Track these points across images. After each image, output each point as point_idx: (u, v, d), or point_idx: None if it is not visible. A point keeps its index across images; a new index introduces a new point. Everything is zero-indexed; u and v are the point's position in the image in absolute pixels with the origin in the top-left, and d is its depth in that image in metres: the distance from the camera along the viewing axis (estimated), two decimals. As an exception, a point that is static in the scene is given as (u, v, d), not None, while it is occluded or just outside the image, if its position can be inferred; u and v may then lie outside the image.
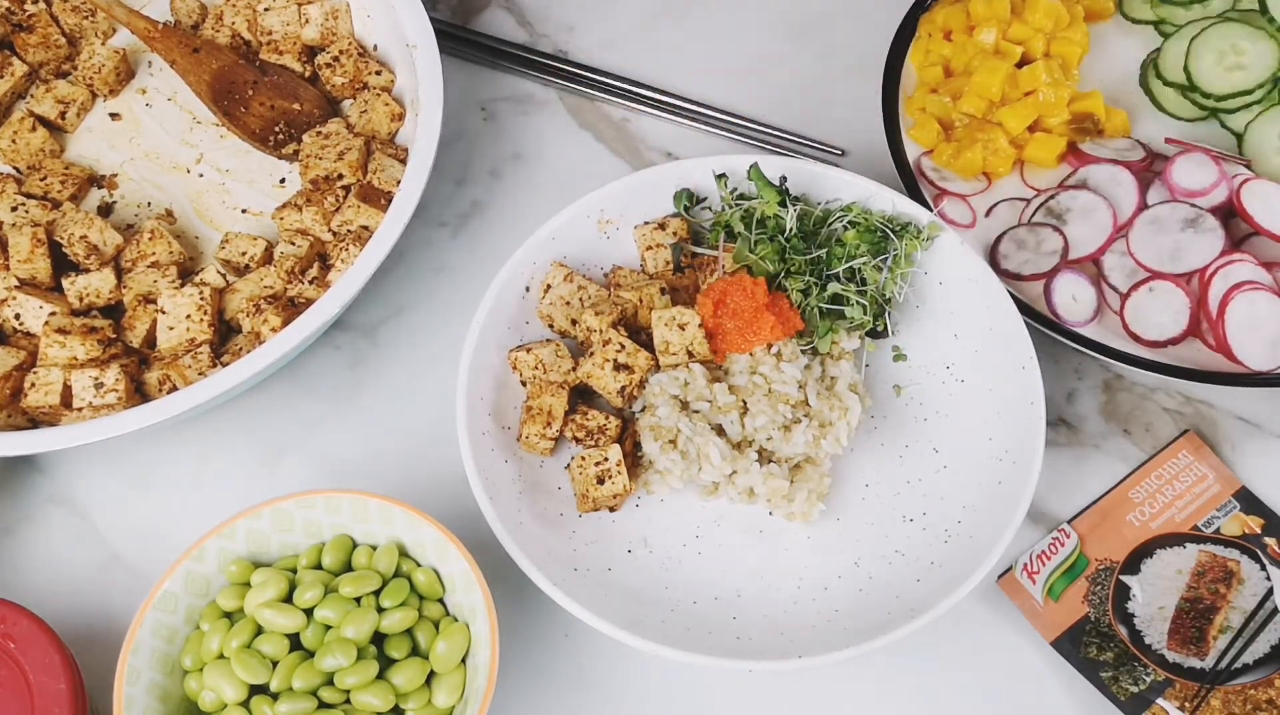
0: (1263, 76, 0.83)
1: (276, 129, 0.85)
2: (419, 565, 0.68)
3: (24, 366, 0.75)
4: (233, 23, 0.88)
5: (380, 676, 0.64)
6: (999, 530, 0.67)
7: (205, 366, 0.75)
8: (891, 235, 0.75)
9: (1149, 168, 0.83)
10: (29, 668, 0.64)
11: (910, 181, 0.82)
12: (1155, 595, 0.72)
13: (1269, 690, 0.69)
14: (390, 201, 0.77)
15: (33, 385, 0.73)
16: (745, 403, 0.72)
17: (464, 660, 0.66)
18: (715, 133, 0.90)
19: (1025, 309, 0.76)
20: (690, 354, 0.74)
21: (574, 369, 0.74)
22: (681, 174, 0.79)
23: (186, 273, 0.80)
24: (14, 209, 0.80)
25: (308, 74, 0.87)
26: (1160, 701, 0.69)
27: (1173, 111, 0.87)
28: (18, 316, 0.76)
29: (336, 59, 0.86)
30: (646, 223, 0.79)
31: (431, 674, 0.65)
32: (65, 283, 0.78)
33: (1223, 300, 0.75)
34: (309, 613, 0.65)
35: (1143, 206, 0.80)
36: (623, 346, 0.73)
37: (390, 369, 0.81)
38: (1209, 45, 0.84)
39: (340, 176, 0.80)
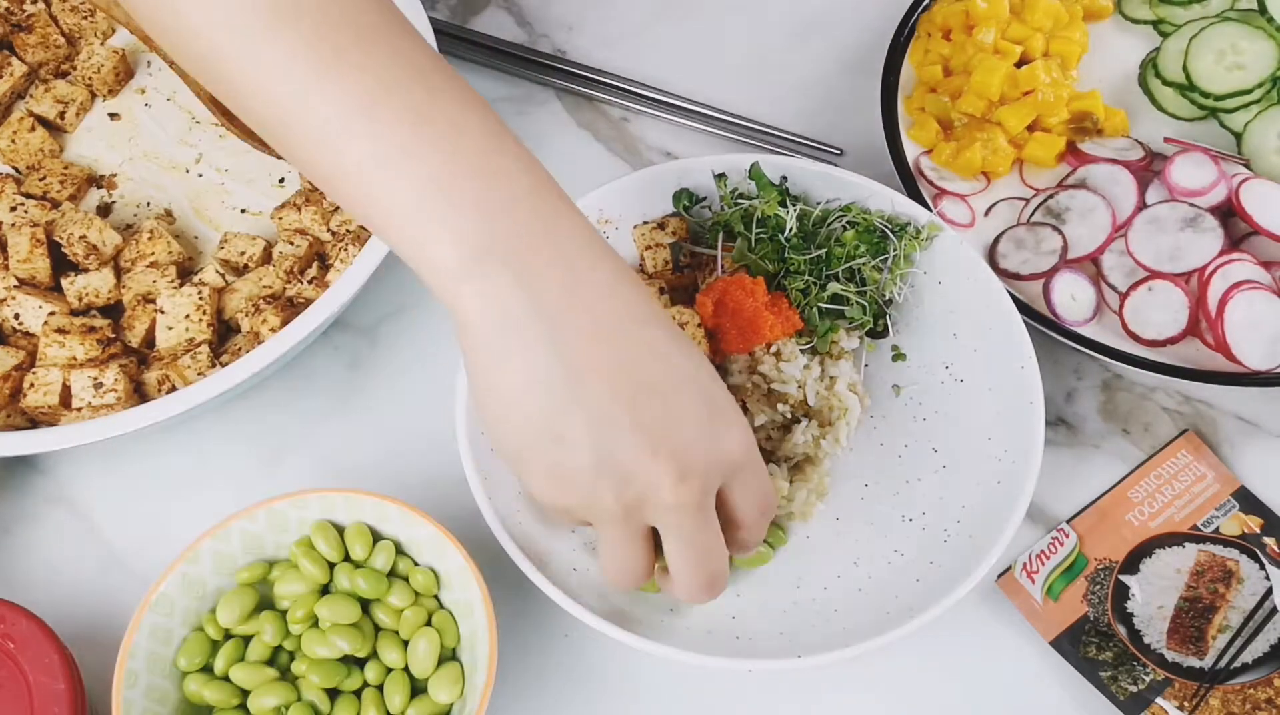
0: (1262, 76, 0.83)
1: (275, 129, 0.85)
2: (416, 563, 0.68)
3: (23, 366, 0.75)
4: (232, 23, 0.88)
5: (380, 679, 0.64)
6: (998, 530, 0.68)
7: (204, 366, 0.75)
8: (891, 235, 0.75)
9: (1148, 167, 0.83)
10: (29, 668, 0.64)
11: (909, 181, 0.82)
12: (1154, 595, 0.72)
13: (1268, 689, 0.69)
14: (389, 201, 0.77)
15: (32, 385, 0.73)
16: (744, 402, 0.72)
17: (462, 657, 0.66)
18: (715, 132, 0.90)
19: (1024, 308, 0.77)
20: (689, 354, 0.74)
21: (573, 369, 0.74)
22: (681, 174, 0.79)
23: (186, 273, 0.81)
24: (13, 209, 0.80)
25: (307, 74, 0.87)
26: (1159, 701, 0.69)
27: (1172, 111, 0.87)
28: (17, 316, 0.76)
29: (335, 59, 0.85)
30: (646, 222, 0.79)
31: (432, 671, 0.65)
32: (64, 283, 0.78)
33: (1222, 300, 0.75)
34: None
35: (1142, 206, 0.80)
36: (622, 346, 0.73)
37: (389, 369, 0.81)
38: (1208, 45, 0.84)
39: (339, 176, 0.80)
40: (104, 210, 0.85)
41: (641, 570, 0.58)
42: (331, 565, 0.67)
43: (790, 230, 0.76)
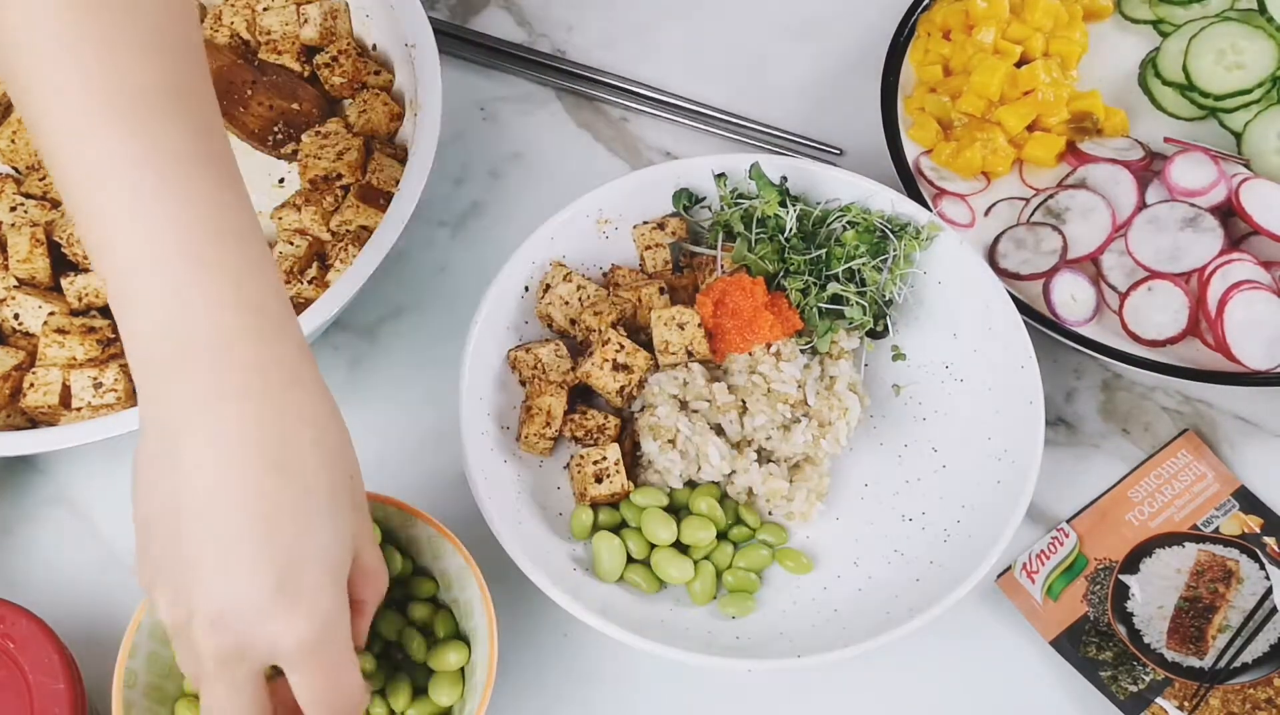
0: (1262, 75, 0.83)
1: (275, 129, 0.85)
2: (416, 564, 0.68)
3: (23, 366, 0.75)
4: (231, 22, 0.88)
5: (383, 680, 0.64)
6: (998, 530, 0.68)
7: (204, 366, 0.74)
8: (890, 235, 0.75)
9: (1148, 167, 0.83)
10: (28, 668, 0.64)
11: (909, 181, 0.82)
12: (1154, 594, 0.72)
13: (1268, 689, 0.69)
14: (389, 201, 0.77)
15: (31, 385, 0.73)
16: (744, 402, 0.72)
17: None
18: (714, 132, 0.90)
19: (1024, 308, 0.77)
20: (689, 353, 0.74)
21: (573, 369, 0.74)
22: (680, 174, 0.79)
23: (185, 273, 0.80)
24: (13, 209, 0.80)
25: (306, 74, 0.87)
26: (1159, 701, 0.69)
27: (1171, 111, 0.87)
28: (17, 316, 0.76)
29: (335, 59, 0.86)
30: (645, 222, 0.79)
31: (431, 672, 0.65)
32: (64, 283, 0.78)
33: (1221, 299, 0.75)
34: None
35: (1141, 206, 0.80)
36: (622, 346, 0.73)
37: (389, 369, 0.81)
38: (1208, 44, 0.84)
39: (339, 176, 0.80)
40: (104, 210, 0.85)
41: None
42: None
43: (790, 230, 0.76)
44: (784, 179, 0.78)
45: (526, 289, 0.77)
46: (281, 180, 0.86)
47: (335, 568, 0.51)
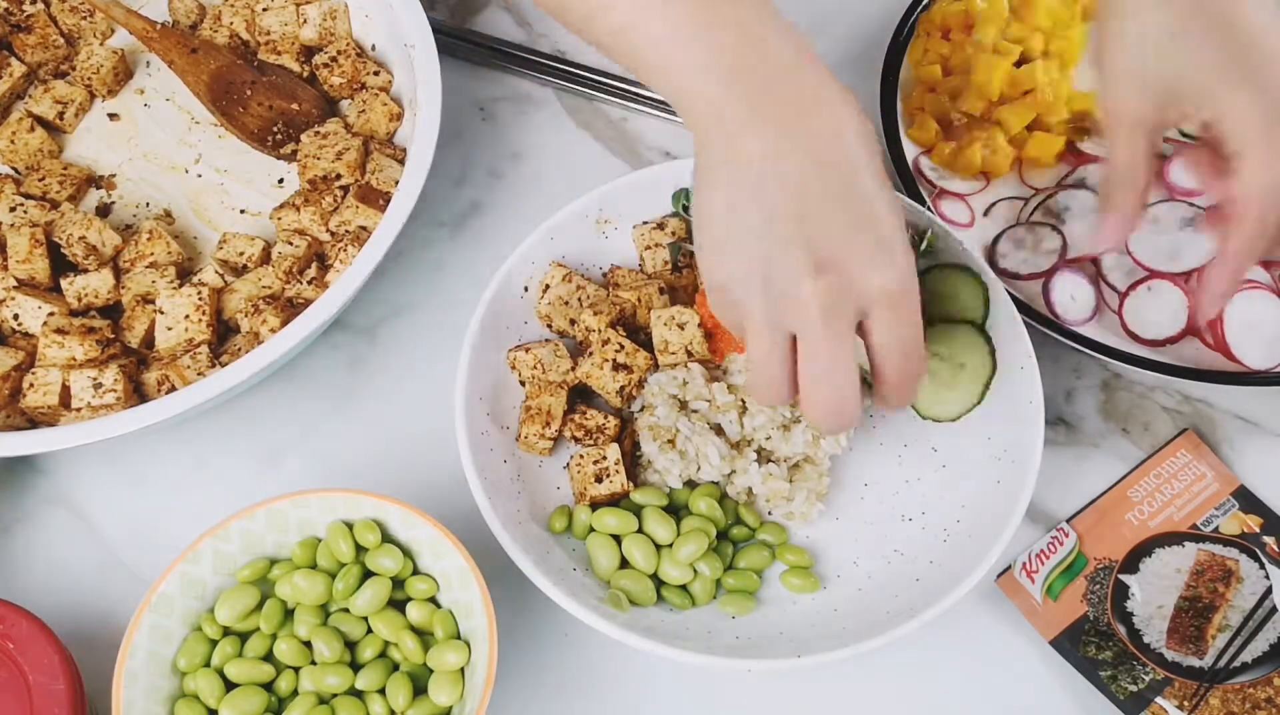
0: None
1: (275, 129, 0.85)
2: (416, 564, 0.68)
3: (22, 367, 0.75)
4: (231, 23, 0.88)
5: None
6: (998, 529, 0.68)
7: (204, 367, 0.75)
8: (890, 235, 0.75)
9: (1147, 167, 0.83)
10: (28, 668, 0.64)
11: (909, 181, 0.82)
12: (1154, 594, 0.72)
13: (1267, 689, 0.69)
14: (388, 202, 0.77)
15: (31, 386, 0.73)
16: (744, 402, 0.72)
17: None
18: (714, 132, 0.90)
19: (1024, 308, 0.77)
20: (689, 353, 0.74)
21: (573, 369, 0.74)
22: (680, 174, 0.79)
23: (185, 273, 0.81)
24: (12, 209, 0.80)
25: (306, 74, 0.87)
26: (1159, 700, 0.69)
27: (1171, 110, 0.86)
28: (16, 317, 0.76)
29: (334, 59, 0.86)
30: (645, 222, 0.79)
31: (430, 672, 0.65)
32: (64, 283, 0.78)
33: (1221, 299, 0.75)
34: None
35: (1141, 205, 0.80)
36: (621, 346, 0.73)
37: (389, 369, 0.81)
38: None
39: (338, 176, 0.80)
40: (103, 210, 0.85)
41: (779, 382, 0.60)
42: (332, 575, 0.67)
43: (790, 230, 0.76)
44: (783, 179, 0.78)
45: (526, 289, 0.77)
46: (281, 180, 0.86)
47: (903, 227, 0.58)
